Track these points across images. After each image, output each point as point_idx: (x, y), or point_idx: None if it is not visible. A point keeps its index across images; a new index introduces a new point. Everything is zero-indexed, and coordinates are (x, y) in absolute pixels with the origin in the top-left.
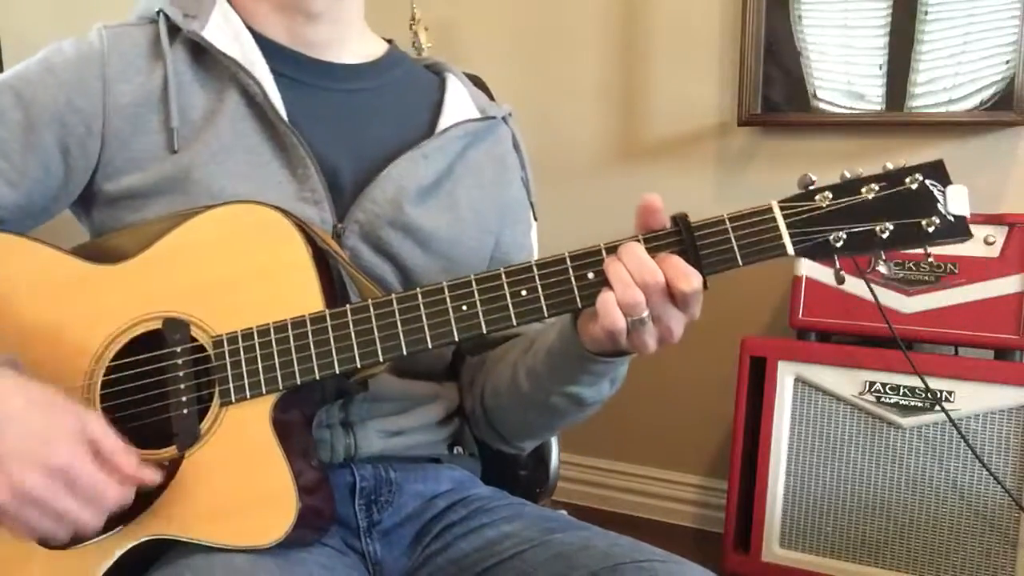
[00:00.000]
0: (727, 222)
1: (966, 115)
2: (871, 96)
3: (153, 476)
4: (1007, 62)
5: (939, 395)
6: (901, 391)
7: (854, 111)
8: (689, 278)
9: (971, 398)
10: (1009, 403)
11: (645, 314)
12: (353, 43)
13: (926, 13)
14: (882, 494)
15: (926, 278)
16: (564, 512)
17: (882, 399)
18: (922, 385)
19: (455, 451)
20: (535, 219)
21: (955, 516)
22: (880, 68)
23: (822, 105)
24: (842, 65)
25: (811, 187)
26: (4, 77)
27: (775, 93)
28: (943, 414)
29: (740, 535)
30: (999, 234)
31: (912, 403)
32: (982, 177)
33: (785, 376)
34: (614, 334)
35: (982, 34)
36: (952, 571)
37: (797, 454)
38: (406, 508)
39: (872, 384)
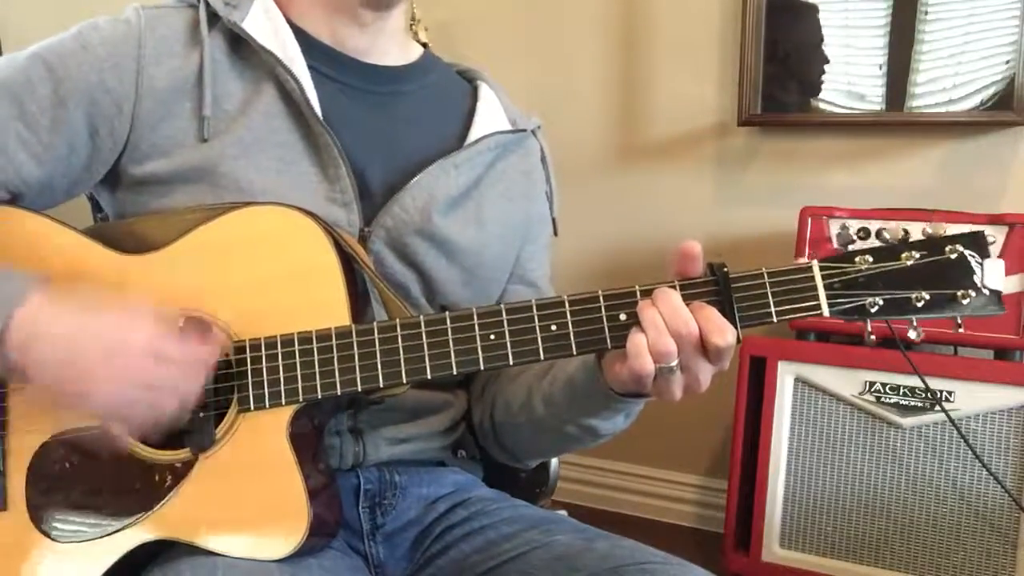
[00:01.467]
0: (765, 276)
1: (966, 115)
2: (871, 96)
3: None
4: (1007, 62)
5: (939, 395)
6: (901, 391)
7: (854, 111)
8: (724, 332)
9: (971, 398)
10: (1009, 403)
11: (675, 363)
12: (392, 47)
13: (926, 13)
14: (882, 494)
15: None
16: (564, 512)
17: (882, 399)
18: (922, 385)
19: (459, 454)
20: (555, 234)
21: (955, 516)
22: (880, 68)
23: (822, 105)
24: (842, 65)
25: (850, 245)
26: (37, 49)
27: (775, 93)
28: (943, 414)
29: (740, 535)
30: (999, 234)
31: (912, 403)
32: (982, 177)
33: (785, 376)
34: (641, 378)
35: (982, 34)
36: (952, 571)
37: (797, 454)
38: (409, 511)
39: (872, 384)
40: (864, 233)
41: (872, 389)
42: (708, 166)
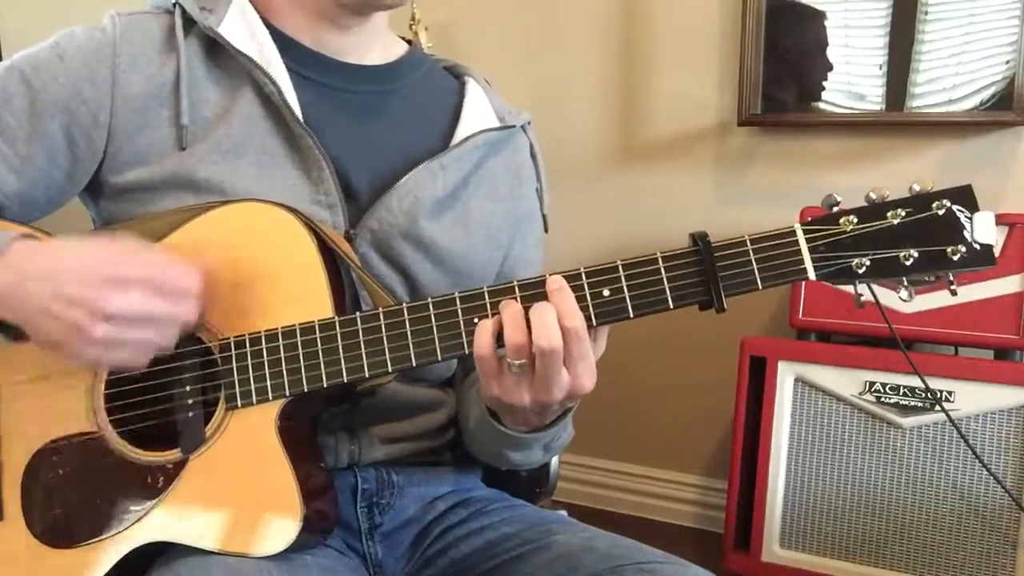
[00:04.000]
0: (748, 243)
1: (966, 115)
2: (871, 96)
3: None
4: (1007, 62)
5: (939, 395)
6: (901, 391)
7: (854, 111)
8: (550, 337)
9: (971, 398)
10: (1009, 403)
11: (523, 360)
12: (375, 45)
13: (926, 13)
14: (882, 494)
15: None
16: (564, 512)
17: (882, 399)
18: (922, 385)
19: (457, 453)
20: (546, 230)
21: (955, 516)
22: (880, 68)
23: (822, 105)
24: (842, 65)
25: (836, 208)
26: (14, 61)
27: (775, 93)
28: (943, 414)
29: (740, 535)
30: (999, 234)
31: (912, 403)
32: (982, 177)
33: (785, 376)
34: (481, 362)
35: (982, 34)
36: (952, 571)
37: (797, 454)
38: (407, 511)
39: (872, 384)
40: (847, 208)
41: (872, 389)
42: (708, 166)
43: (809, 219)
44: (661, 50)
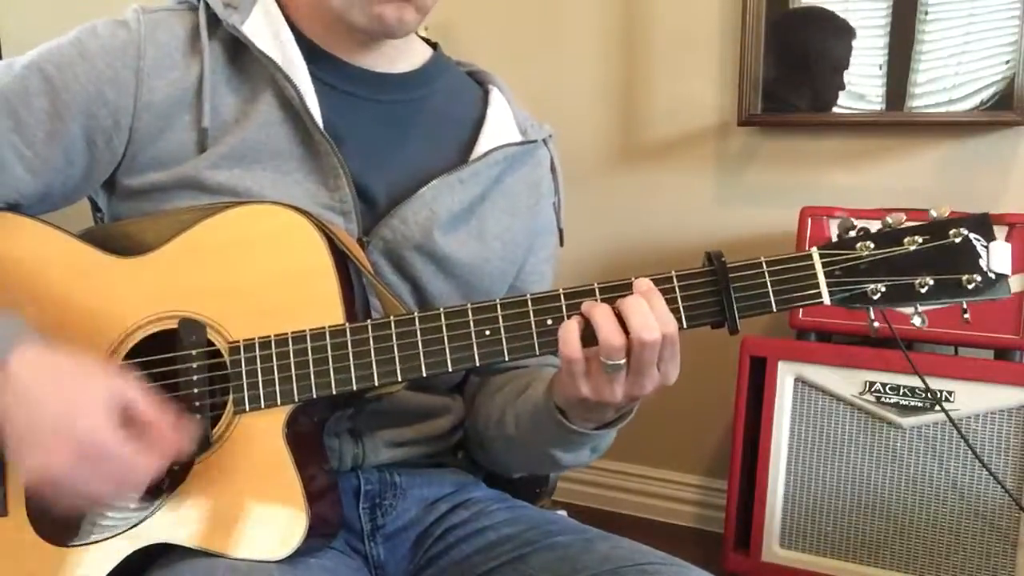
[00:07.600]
0: (764, 266)
1: (966, 115)
2: (871, 96)
3: (191, 445)
4: (1007, 62)
5: (939, 395)
6: (901, 391)
7: (854, 111)
8: (651, 329)
9: (971, 398)
10: (1009, 403)
11: (621, 361)
12: (398, 54)
13: (926, 13)
14: (882, 494)
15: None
16: (564, 513)
17: (882, 399)
18: (922, 385)
19: (459, 455)
20: (561, 244)
21: (955, 516)
22: (880, 68)
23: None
24: None
25: (852, 232)
26: (34, 56)
27: (776, 93)
28: (943, 414)
29: (740, 535)
30: (999, 234)
31: (912, 403)
32: (982, 177)
33: (785, 376)
34: (571, 364)
35: (982, 34)
36: (952, 571)
37: (797, 454)
38: (409, 512)
39: (872, 384)
40: (864, 233)
41: (872, 389)
42: (708, 166)
43: (826, 243)
44: (661, 50)
